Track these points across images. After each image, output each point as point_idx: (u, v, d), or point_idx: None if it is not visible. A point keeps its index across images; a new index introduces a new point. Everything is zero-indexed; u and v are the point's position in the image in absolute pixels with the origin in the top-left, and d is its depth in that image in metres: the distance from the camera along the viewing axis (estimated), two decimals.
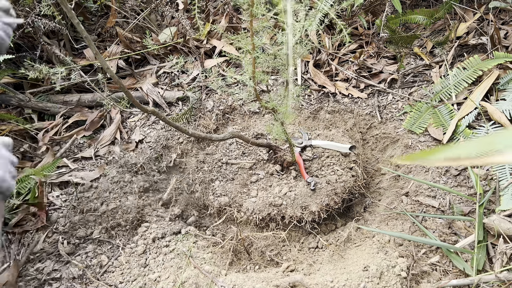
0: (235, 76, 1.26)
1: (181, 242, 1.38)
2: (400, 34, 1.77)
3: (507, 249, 1.12)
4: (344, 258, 1.31)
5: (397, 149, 1.62)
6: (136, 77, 2.08)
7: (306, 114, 1.84)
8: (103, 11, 2.51)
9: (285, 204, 1.40)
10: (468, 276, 1.11)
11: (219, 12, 2.35)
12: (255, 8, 0.93)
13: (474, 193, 1.31)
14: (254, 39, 1.02)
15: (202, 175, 1.62)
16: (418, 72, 1.85)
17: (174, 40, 2.16)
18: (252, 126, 1.83)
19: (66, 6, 0.90)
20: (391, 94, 1.79)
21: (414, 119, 1.63)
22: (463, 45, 1.86)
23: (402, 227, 1.32)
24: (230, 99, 1.91)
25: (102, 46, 2.26)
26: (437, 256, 1.20)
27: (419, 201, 1.38)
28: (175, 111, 1.89)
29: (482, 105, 1.52)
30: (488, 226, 1.19)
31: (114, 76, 1.08)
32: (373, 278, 1.12)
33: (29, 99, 1.85)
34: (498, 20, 1.90)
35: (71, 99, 1.94)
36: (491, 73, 1.61)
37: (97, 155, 1.71)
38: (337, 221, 1.48)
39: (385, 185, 1.56)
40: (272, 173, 1.52)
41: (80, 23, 0.92)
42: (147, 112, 1.29)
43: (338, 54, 2.01)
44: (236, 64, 2.07)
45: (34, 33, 1.96)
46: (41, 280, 1.31)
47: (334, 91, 1.86)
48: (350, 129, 1.75)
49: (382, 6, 2.05)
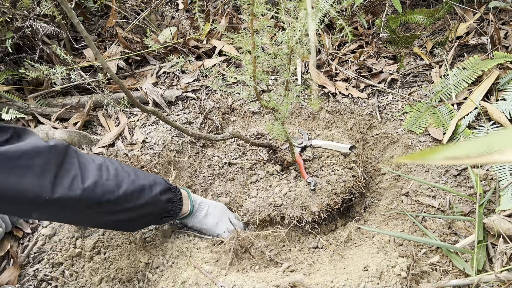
0: (236, 76, 1.26)
1: (181, 241, 1.38)
2: (400, 34, 1.78)
3: (507, 249, 1.12)
4: (344, 258, 1.31)
5: (397, 149, 1.62)
6: (136, 77, 2.08)
7: (306, 114, 1.84)
8: (103, 11, 2.51)
9: (285, 204, 1.40)
10: (468, 276, 1.11)
11: (219, 12, 2.35)
12: (256, 6, 0.93)
13: (474, 193, 1.31)
14: (254, 39, 1.02)
15: (202, 175, 1.62)
16: (418, 72, 1.85)
17: (174, 40, 2.16)
18: (252, 126, 1.83)
19: (66, 6, 0.90)
20: (391, 94, 1.79)
21: (414, 119, 1.63)
22: (463, 45, 1.86)
23: (402, 227, 1.32)
24: (230, 99, 1.91)
25: (102, 46, 2.26)
26: (437, 256, 1.20)
27: (419, 201, 1.38)
28: (175, 110, 1.89)
29: (482, 105, 1.52)
30: (488, 226, 1.19)
31: (114, 76, 1.08)
32: (373, 278, 1.12)
33: (28, 105, 1.84)
34: (498, 20, 1.90)
35: (70, 101, 1.94)
36: (491, 73, 1.61)
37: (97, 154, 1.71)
38: (337, 221, 1.48)
39: (385, 185, 1.56)
40: (272, 173, 1.52)
41: (80, 23, 0.93)
42: (147, 112, 1.29)
43: (338, 54, 2.01)
44: (236, 64, 2.07)
45: (33, 36, 1.96)
46: (40, 279, 1.31)
47: (334, 91, 1.86)
48: (350, 129, 1.75)
49: (382, 6, 2.05)
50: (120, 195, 1.00)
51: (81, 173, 0.93)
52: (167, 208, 1.18)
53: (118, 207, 1.02)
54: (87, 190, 0.92)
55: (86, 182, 0.93)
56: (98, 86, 1.93)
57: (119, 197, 1.00)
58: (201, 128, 1.83)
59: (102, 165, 1.01)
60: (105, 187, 0.97)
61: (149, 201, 1.09)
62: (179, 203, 1.23)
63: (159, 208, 1.15)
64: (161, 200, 1.14)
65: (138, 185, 1.07)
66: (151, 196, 1.10)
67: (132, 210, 1.06)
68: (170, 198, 1.19)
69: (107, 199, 0.97)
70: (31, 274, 1.33)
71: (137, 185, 1.06)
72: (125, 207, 1.03)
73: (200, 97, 1.92)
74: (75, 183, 0.90)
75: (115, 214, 1.04)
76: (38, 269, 1.34)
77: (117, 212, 1.03)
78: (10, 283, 1.29)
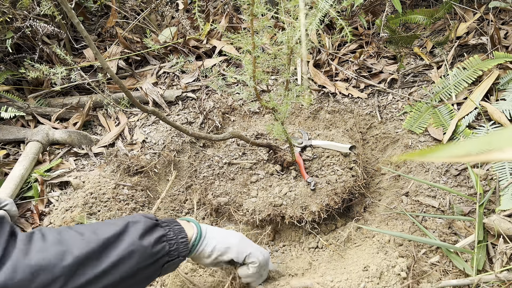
0: (236, 76, 1.26)
1: None
2: (400, 34, 1.78)
3: (507, 249, 1.12)
4: (344, 258, 1.31)
5: (397, 149, 1.62)
6: (136, 77, 2.08)
7: (306, 114, 1.84)
8: (103, 11, 2.51)
9: (285, 204, 1.40)
10: (468, 276, 1.11)
11: (219, 12, 2.35)
12: (256, 7, 0.93)
13: (474, 193, 1.31)
14: (254, 39, 1.02)
15: (202, 175, 1.62)
16: (418, 72, 1.85)
17: (174, 40, 2.16)
18: (252, 126, 1.83)
19: (66, 6, 0.90)
20: (391, 94, 1.79)
21: (414, 119, 1.63)
22: (463, 45, 1.86)
23: (402, 227, 1.32)
24: (230, 99, 1.91)
25: (102, 46, 2.26)
26: (437, 256, 1.20)
27: (419, 201, 1.38)
28: (175, 110, 1.89)
29: (482, 105, 1.52)
30: (488, 226, 1.19)
31: (114, 76, 1.08)
32: (373, 278, 1.12)
33: (28, 105, 1.84)
34: (498, 20, 1.90)
35: (70, 101, 1.94)
36: (491, 73, 1.61)
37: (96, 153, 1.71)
38: (337, 221, 1.48)
39: (385, 185, 1.56)
40: (272, 173, 1.52)
41: (80, 23, 0.93)
42: (147, 112, 1.29)
43: (338, 54, 2.01)
44: (236, 64, 2.07)
45: (33, 36, 1.96)
46: None
47: (334, 91, 1.86)
48: (350, 129, 1.75)
49: (382, 6, 2.05)
50: (69, 264, 0.68)
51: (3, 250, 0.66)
52: (161, 251, 0.83)
53: (74, 282, 0.68)
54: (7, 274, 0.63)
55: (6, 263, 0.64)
56: (98, 86, 1.94)
57: (66, 268, 0.67)
58: (201, 128, 1.83)
59: (32, 238, 0.70)
60: (34, 265, 0.65)
61: (123, 255, 0.75)
62: (181, 235, 0.88)
63: (145, 255, 0.79)
64: (143, 246, 0.79)
65: (99, 241, 0.74)
66: (125, 246, 0.76)
67: (101, 277, 0.71)
68: (160, 236, 0.84)
69: (41, 281, 0.65)
70: None
71: (97, 242, 0.74)
72: (86, 279, 0.69)
73: (200, 97, 1.92)
74: None
75: None
76: None
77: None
78: None
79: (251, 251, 1.02)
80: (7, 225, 0.70)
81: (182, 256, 0.87)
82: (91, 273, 0.70)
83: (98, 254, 0.72)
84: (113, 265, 0.73)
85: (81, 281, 0.69)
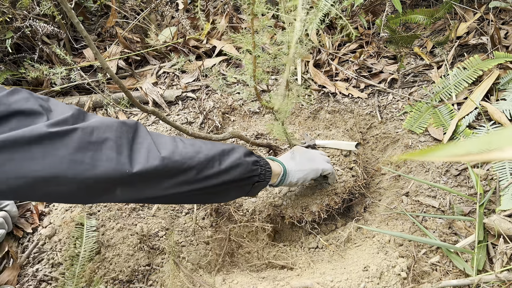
0: (236, 76, 1.26)
1: None
2: (400, 34, 1.77)
3: (507, 249, 1.12)
4: (344, 258, 1.31)
5: (397, 149, 1.62)
6: (136, 77, 2.08)
7: (306, 114, 1.84)
8: (103, 11, 2.51)
9: (285, 204, 1.40)
10: (468, 276, 1.11)
11: (219, 12, 2.35)
12: (256, 6, 0.93)
13: (474, 193, 1.31)
14: (255, 38, 1.02)
15: None
16: (418, 72, 1.85)
17: (174, 40, 2.16)
18: (252, 126, 1.83)
19: (66, 6, 0.90)
20: (391, 94, 1.79)
21: (414, 119, 1.63)
22: (463, 45, 1.86)
23: (402, 227, 1.32)
24: (231, 99, 1.91)
25: (102, 46, 2.26)
26: (437, 256, 1.20)
27: (419, 201, 1.38)
28: (175, 110, 1.89)
29: (482, 105, 1.52)
30: (488, 226, 1.18)
31: (114, 76, 1.07)
32: (373, 278, 1.12)
33: None
34: (498, 20, 1.90)
35: (70, 101, 1.93)
36: (491, 73, 1.60)
37: None
38: (337, 221, 1.48)
39: (385, 185, 1.56)
40: None
41: (80, 23, 0.92)
42: (147, 112, 1.29)
43: (338, 54, 2.01)
44: (236, 64, 2.07)
45: (33, 36, 1.96)
46: (40, 279, 1.31)
47: (334, 91, 1.86)
48: (350, 129, 1.74)
49: (382, 6, 2.05)
50: (201, 160, 0.92)
51: (156, 145, 0.86)
52: (256, 171, 1.05)
53: (202, 174, 0.92)
54: (166, 159, 0.85)
55: (163, 152, 0.86)
56: (98, 86, 1.93)
57: (200, 163, 0.92)
58: (201, 128, 1.83)
59: (175, 138, 0.95)
60: (183, 154, 0.89)
61: (234, 164, 0.98)
62: (268, 166, 1.11)
63: (246, 170, 1.02)
64: (247, 161, 1.02)
65: (218, 149, 0.98)
66: (235, 158, 0.99)
67: (217, 176, 0.95)
68: (256, 160, 1.06)
69: (187, 166, 0.89)
70: (31, 274, 1.33)
71: (217, 149, 0.98)
72: (209, 173, 0.94)
73: (200, 97, 1.91)
74: (151, 155, 0.84)
75: (199, 182, 0.93)
76: (38, 269, 1.34)
77: (201, 180, 0.93)
78: (9, 283, 1.28)
79: (323, 167, 1.31)
80: None
81: (267, 181, 1.11)
82: (215, 169, 0.94)
83: (218, 157, 0.96)
84: (229, 168, 0.97)
85: (209, 173, 0.93)
